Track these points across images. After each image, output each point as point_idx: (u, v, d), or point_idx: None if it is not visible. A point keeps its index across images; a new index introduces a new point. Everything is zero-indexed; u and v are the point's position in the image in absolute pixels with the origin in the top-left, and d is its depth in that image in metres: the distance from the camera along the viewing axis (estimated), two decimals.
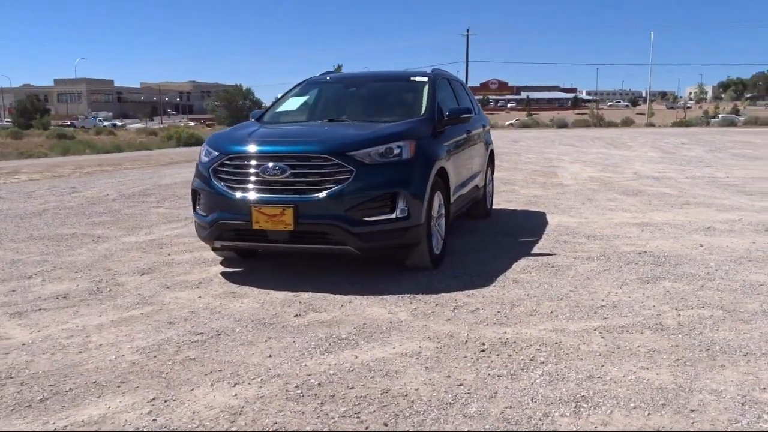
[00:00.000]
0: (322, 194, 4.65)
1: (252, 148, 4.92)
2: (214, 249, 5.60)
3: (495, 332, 3.83)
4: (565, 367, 3.28)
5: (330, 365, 3.37)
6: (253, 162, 4.82)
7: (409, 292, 4.68)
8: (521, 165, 16.33)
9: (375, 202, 4.73)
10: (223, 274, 5.39)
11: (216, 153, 5.05)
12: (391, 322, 4.03)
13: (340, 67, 32.03)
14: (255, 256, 5.88)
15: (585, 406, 2.83)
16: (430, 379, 3.16)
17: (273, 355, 3.52)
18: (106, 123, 69.24)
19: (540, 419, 2.72)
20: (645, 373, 3.19)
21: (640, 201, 9.46)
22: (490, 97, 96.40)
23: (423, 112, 5.73)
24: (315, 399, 2.96)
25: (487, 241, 6.55)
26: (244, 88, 69.30)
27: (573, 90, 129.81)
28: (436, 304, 4.39)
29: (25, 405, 2.98)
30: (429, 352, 3.53)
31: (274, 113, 6.31)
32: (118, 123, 73.58)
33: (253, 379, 3.21)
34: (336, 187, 4.65)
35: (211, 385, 3.15)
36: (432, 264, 5.24)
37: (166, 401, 2.98)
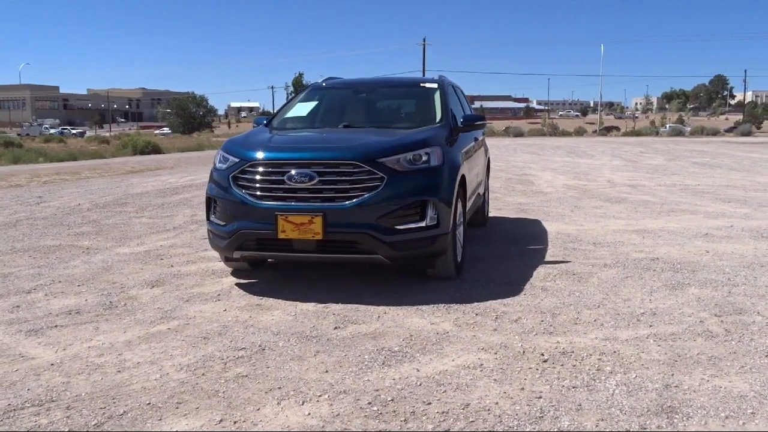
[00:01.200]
0: (352, 202, 4.51)
1: (276, 154, 4.74)
2: (226, 260, 5.38)
3: (548, 342, 3.75)
4: (636, 377, 3.22)
5: (394, 380, 3.23)
6: (279, 169, 4.65)
7: (442, 301, 4.57)
8: (493, 173, 16.39)
9: (406, 209, 4.62)
10: (239, 285, 5.18)
11: (236, 159, 4.85)
12: (437, 333, 3.91)
13: (301, 74, 31.87)
14: (264, 266, 5.68)
15: (677, 416, 2.77)
16: (505, 392, 3.06)
17: (329, 370, 3.36)
18: (53, 130, 66.91)
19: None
20: (718, 381, 3.16)
21: (625, 208, 9.59)
22: None
23: (440, 119, 5.66)
24: (395, 416, 2.82)
25: (496, 249, 6.50)
26: (197, 96, 68.10)
27: (525, 100, 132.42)
28: (476, 314, 4.29)
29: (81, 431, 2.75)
30: (490, 363, 3.43)
31: (282, 119, 6.13)
32: (74, 131, 70.69)
33: (320, 396, 3.05)
34: (367, 195, 4.52)
35: (278, 403, 2.98)
36: (456, 273, 5.15)
37: (235, 422, 2.79)
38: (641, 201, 10.44)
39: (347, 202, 4.51)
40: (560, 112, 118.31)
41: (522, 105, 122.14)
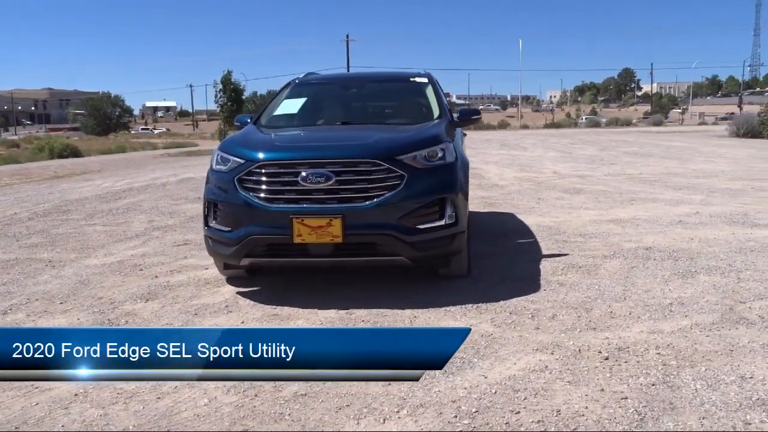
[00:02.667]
0: (372, 202, 4.30)
1: (287, 154, 4.46)
2: (225, 267, 5.04)
3: (597, 339, 3.68)
4: (706, 370, 3.19)
5: (466, 389, 3.06)
6: (291, 169, 4.37)
7: (467, 302, 4.43)
8: None
9: (426, 208, 4.45)
10: (242, 294, 4.87)
11: (240, 160, 4.52)
12: (482, 336, 3.77)
13: (230, 72, 30.96)
14: (261, 273, 5.36)
15: None
16: (586, 395, 2.95)
17: (392, 383, 3.14)
18: None
19: (743, 427, 2.59)
20: None
21: (587, 199, 9.76)
22: None
23: (438, 114, 5.51)
24: (490, 428, 2.65)
25: (489, 245, 6.42)
26: (112, 95, 65.12)
27: (446, 95, 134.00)
28: (510, 313, 4.18)
29: None
30: (554, 365, 3.32)
31: (271, 117, 5.80)
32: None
33: (398, 411, 2.85)
34: (388, 194, 4.31)
35: (357, 423, 2.76)
36: (467, 271, 5.03)
37: None
38: (598, 191, 10.66)
39: (367, 203, 4.29)
40: (480, 107, 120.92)
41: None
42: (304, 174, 4.31)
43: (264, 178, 4.41)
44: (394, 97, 6.09)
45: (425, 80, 6.01)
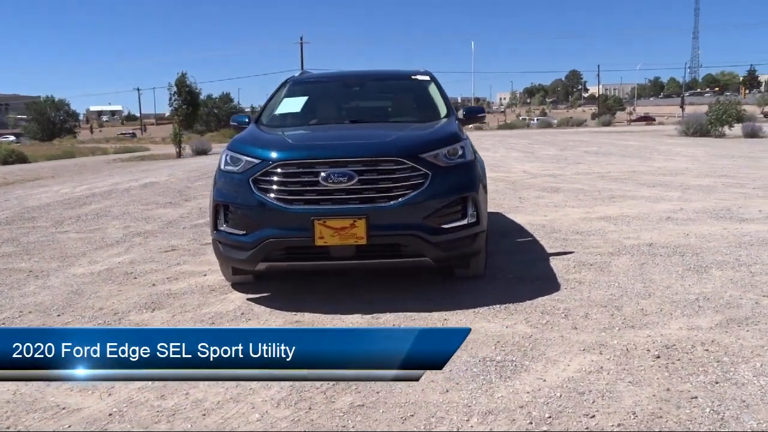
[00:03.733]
0: (397, 201, 4.15)
1: (307, 153, 4.28)
2: (235, 273, 4.81)
3: (639, 337, 3.63)
4: (762, 365, 3.17)
5: (528, 393, 2.95)
6: (311, 169, 4.19)
7: (493, 302, 4.34)
8: None
9: (450, 207, 4.34)
10: (254, 300, 4.65)
11: (254, 161, 4.31)
12: (523, 337, 3.67)
13: (184, 74, 30.22)
14: (266, 278, 5.13)
15: None
16: (654, 395, 2.88)
17: (449, 389, 3.02)
18: None
19: None
20: None
21: (567, 197, 9.82)
22: None
23: (446, 112, 5.40)
24: None
25: (490, 243, 6.32)
26: (56, 100, 62.81)
27: None
28: (542, 312, 4.10)
29: None
30: (608, 365, 3.24)
31: (273, 116, 5.58)
32: None
33: (467, 420, 2.71)
34: (412, 193, 4.18)
35: None
36: (484, 271, 4.94)
37: None
38: (575, 189, 10.75)
39: (392, 202, 4.15)
40: None
41: None
42: (325, 173, 4.13)
43: (282, 179, 4.22)
44: (398, 95, 5.96)
45: (427, 78, 5.90)
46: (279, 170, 4.22)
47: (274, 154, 4.28)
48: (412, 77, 5.96)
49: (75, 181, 16.53)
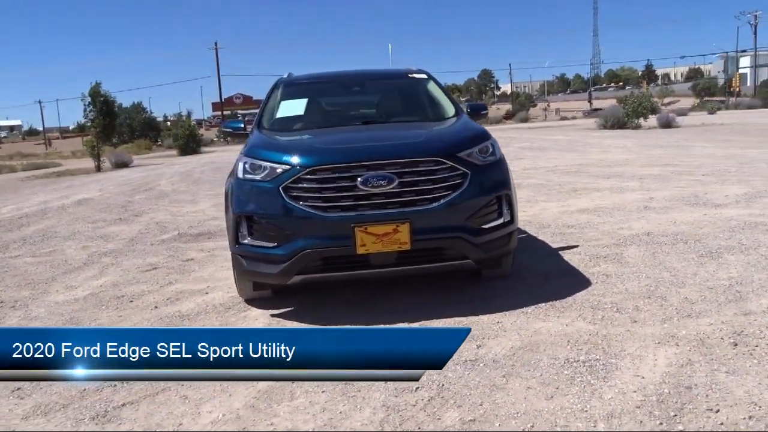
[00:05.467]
0: (440, 203, 3.99)
1: (342, 156, 4.03)
2: (256, 288, 4.51)
3: (702, 326, 3.63)
4: None
5: (636, 392, 2.86)
6: (348, 173, 3.95)
7: (535, 302, 4.24)
8: None
9: (488, 207, 4.22)
10: (279, 316, 4.38)
11: (284, 167, 4.04)
12: (591, 335, 3.59)
13: (98, 84, 28.67)
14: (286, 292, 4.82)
15: None
16: (760, 383, 2.86)
17: (554, 396, 2.88)
18: None
19: None
20: None
21: (533, 192, 9.92)
22: (238, 111, 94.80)
23: (454, 110, 5.27)
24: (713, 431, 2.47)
25: None
26: None
27: None
28: (592, 308, 4.04)
29: None
30: (694, 356, 3.21)
31: (275, 120, 5.27)
32: None
33: (594, 426, 2.59)
34: (453, 194, 4.03)
35: None
36: (510, 270, 4.85)
37: None
38: (536, 184, 10.89)
39: (434, 204, 3.98)
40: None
41: None
42: (363, 177, 3.91)
43: (316, 185, 3.96)
44: (400, 94, 5.78)
45: (425, 76, 5.76)
46: (313, 176, 3.97)
47: (306, 159, 4.01)
48: (409, 75, 5.80)
49: None
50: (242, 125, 5.31)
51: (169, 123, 60.24)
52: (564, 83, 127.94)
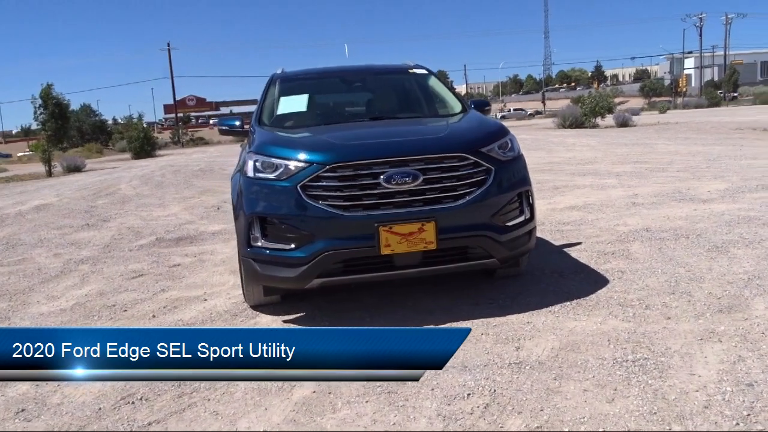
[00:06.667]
0: (465, 200, 3.84)
1: (364, 152, 3.84)
2: (267, 293, 4.28)
3: (738, 320, 3.59)
4: None
5: (698, 391, 2.77)
6: (370, 170, 3.76)
7: (558, 300, 4.15)
8: None
9: (511, 204, 4.09)
10: (292, 321, 4.18)
11: (301, 164, 3.82)
12: (630, 333, 3.50)
13: (50, 86, 27.61)
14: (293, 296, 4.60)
15: None
16: None
17: (615, 398, 2.76)
18: None
19: None
20: None
21: None
22: (191, 114, 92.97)
23: (461, 106, 5.12)
24: None
25: None
26: None
27: None
28: (620, 305, 3.96)
29: None
30: (742, 353, 3.15)
31: (277, 117, 5.03)
32: None
33: (669, 428, 2.47)
34: (478, 191, 3.88)
35: None
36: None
37: None
38: None
39: (460, 202, 3.83)
40: None
41: None
42: (387, 174, 3.73)
43: (338, 183, 3.76)
44: (403, 89, 5.59)
45: (425, 71, 5.61)
46: (333, 173, 3.76)
47: (325, 156, 3.80)
48: (410, 71, 5.63)
49: None
50: (238, 123, 5.05)
51: (119, 126, 58.53)
52: (517, 84, 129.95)
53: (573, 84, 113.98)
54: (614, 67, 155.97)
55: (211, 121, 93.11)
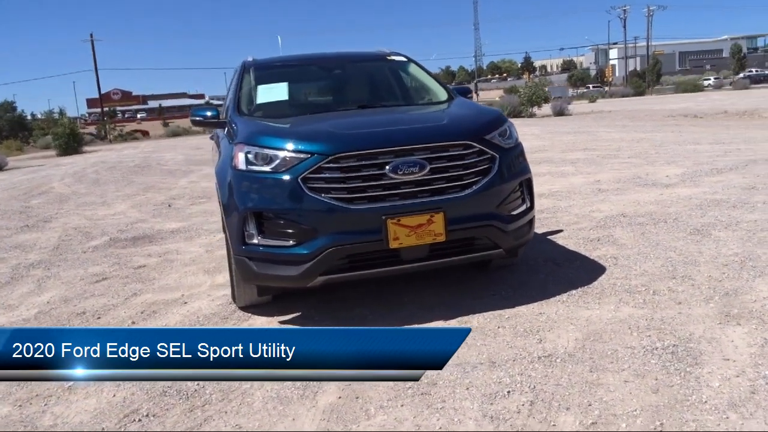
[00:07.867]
0: (471, 190, 3.71)
1: (368, 142, 3.64)
2: (261, 293, 4.03)
3: (747, 302, 3.62)
4: None
5: (739, 377, 2.73)
6: (375, 160, 3.57)
7: (562, 290, 4.09)
8: None
9: (515, 192, 3.99)
10: (289, 322, 3.95)
11: (300, 155, 3.59)
12: (647, 320, 3.46)
13: None
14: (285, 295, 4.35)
15: None
16: None
17: (660, 389, 2.69)
18: None
19: None
20: None
21: None
22: (117, 108, 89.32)
23: (447, 94, 4.97)
24: None
25: None
26: None
27: (201, 96, 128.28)
28: (628, 293, 3.93)
29: None
30: (767, 336, 3.12)
31: (257, 105, 4.74)
32: None
33: (726, 418, 2.41)
34: (484, 180, 3.76)
35: None
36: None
37: None
38: None
39: (467, 191, 3.69)
40: None
41: (199, 101, 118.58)
42: (393, 164, 3.55)
43: (342, 174, 3.55)
44: (386, 77, 5.38)
45: (404, 58, 5.43)
46: (336, 164, 3.55)
47: (327, 147, 3.58)
48: (388, 57, 5.44)
49: None
50: (214, 113, 4.72)
51: (39, 122, 55.62)
52: (450, 75, 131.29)
53: (504, 75, 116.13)
54: (543, 57, 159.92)
55: (138, 115, 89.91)
